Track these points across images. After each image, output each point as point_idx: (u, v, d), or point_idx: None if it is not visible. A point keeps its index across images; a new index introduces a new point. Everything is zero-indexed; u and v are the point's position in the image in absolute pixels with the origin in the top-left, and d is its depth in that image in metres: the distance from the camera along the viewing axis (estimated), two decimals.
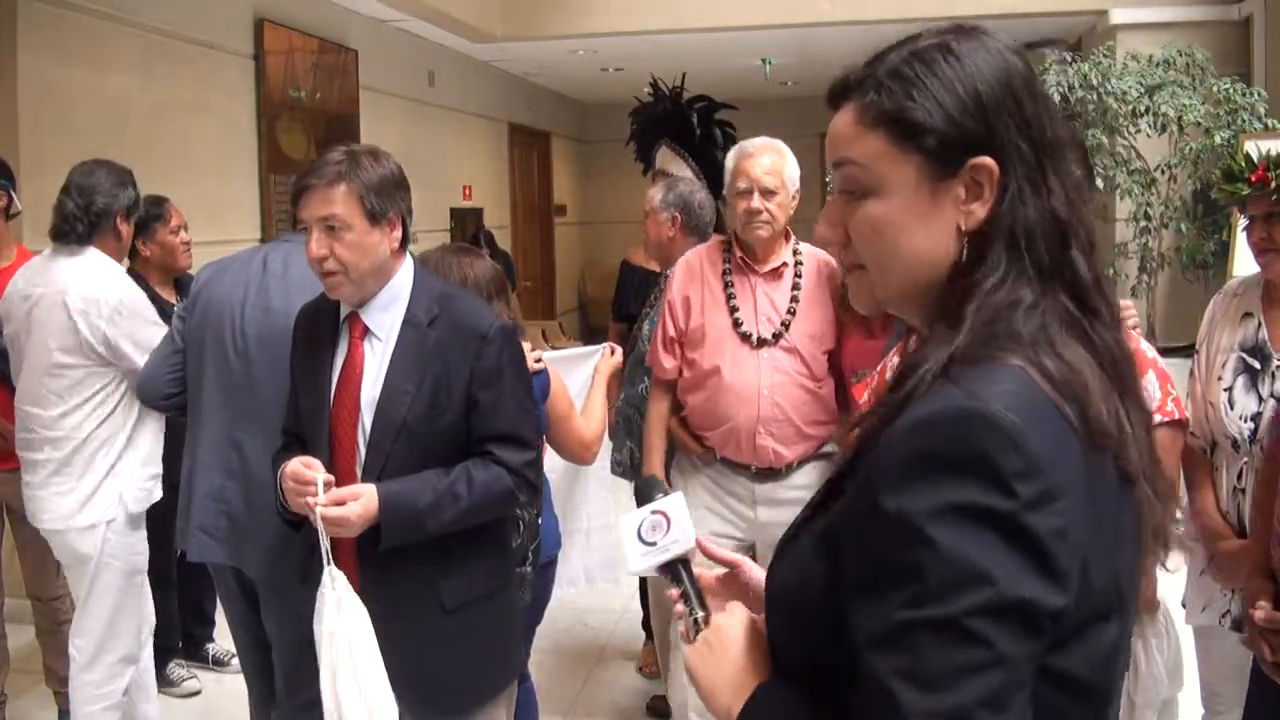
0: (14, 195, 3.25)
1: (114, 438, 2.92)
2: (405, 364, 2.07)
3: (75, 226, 2.87)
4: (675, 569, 1.24)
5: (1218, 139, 5.78)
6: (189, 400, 2.58)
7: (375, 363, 2.09)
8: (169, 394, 2.62)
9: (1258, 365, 2.32)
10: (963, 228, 0.92)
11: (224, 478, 2.50)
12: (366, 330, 2.10)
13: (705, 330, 2.84)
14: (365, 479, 2.06)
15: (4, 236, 3.29)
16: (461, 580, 2.10)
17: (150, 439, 3.02)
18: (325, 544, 1.98)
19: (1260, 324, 2.36)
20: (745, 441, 2.81)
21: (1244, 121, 5.87)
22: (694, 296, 2.89)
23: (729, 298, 2.85)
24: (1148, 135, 6.10)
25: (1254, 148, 5.04)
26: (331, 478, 2.01)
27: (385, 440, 2.06)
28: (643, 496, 1.34)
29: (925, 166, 0.93)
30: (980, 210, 0.92)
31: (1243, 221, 2.45)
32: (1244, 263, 5.69)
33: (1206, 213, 6.38)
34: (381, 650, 2.09)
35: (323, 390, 2.11)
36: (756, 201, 2.81)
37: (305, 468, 2.00)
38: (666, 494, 1.33)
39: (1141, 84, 6.04)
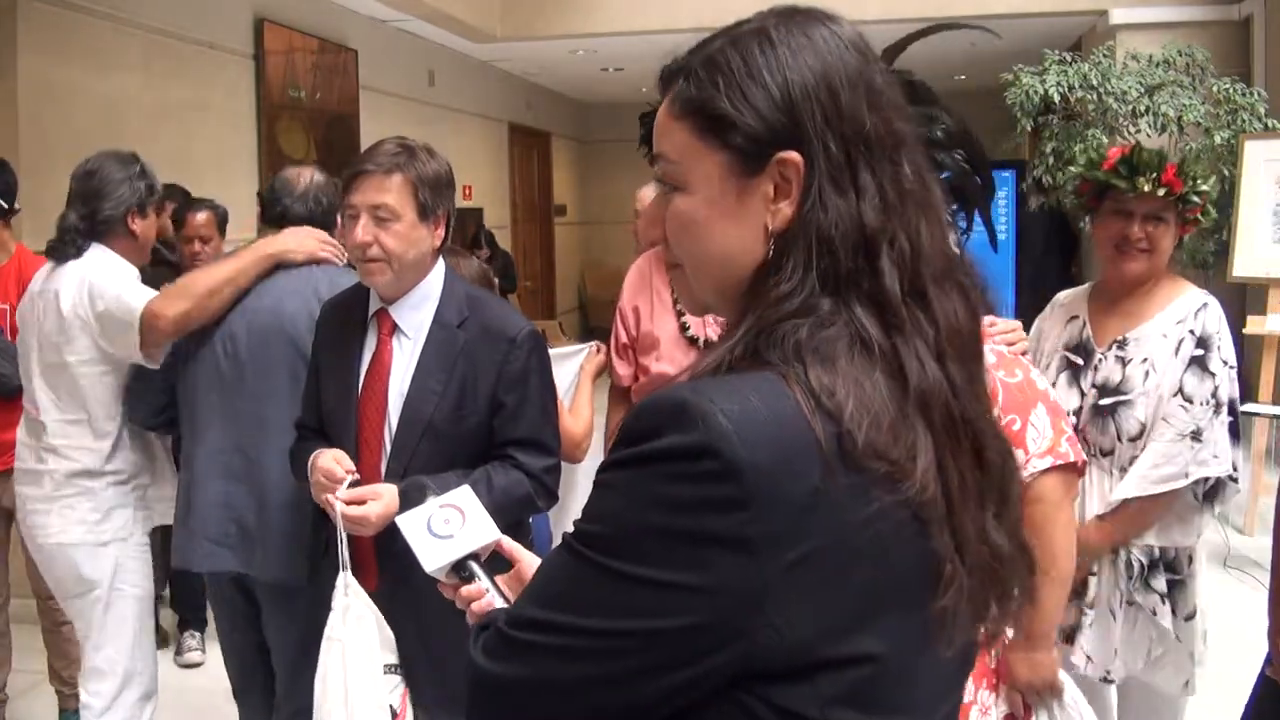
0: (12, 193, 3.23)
1: (124, 453, 2.69)
2: (434, 363, 2.08)
3: (75, 240, 2.62)
4: (470, 567, 1.22)
5: (1218, 139, 5.78)
6: (181, 411, 2.53)
7: (403, 361, 2.10)
8: (159, 405, 2.55)
9: (1080, 361, 2.32)
10: (770, 228, 0.86)
11: (227, 483, 2.44)
12: (395, 327, 2.11)
13: (655, 335, 2.80)
14: (389, 476, 2.07)
15: (2, 234, 3.27)
16: None
17: (164, 459, 2.81)
18: (344, 547, 1.99)
19: (1085, 323, 2.36)
20: None
21: (1244, 122, 5.87)
22: (643, 305, 2.85)
23: (675, 302, 2.80)
24: (1148, 135, 6.09)
25: (1254, 148, 5.05)
26: (358, 475, 2.02)
27: (411, 438, 2.06)
28: (414, 496, 1.31)
29: (731, 162, 0.86)
30: (788, 209, 0.85)
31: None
32: (1244, 263, 5.69)
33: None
34: (403, 648, 2.10)
35: (350, 385, 2.11)
36: None
37: (338, 464, 2.02)
38: (439, 492, 1.31)
39: (1141, 84, 6.04)
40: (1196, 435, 2.18)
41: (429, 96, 8.18)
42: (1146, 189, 2.22)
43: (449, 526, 1.25)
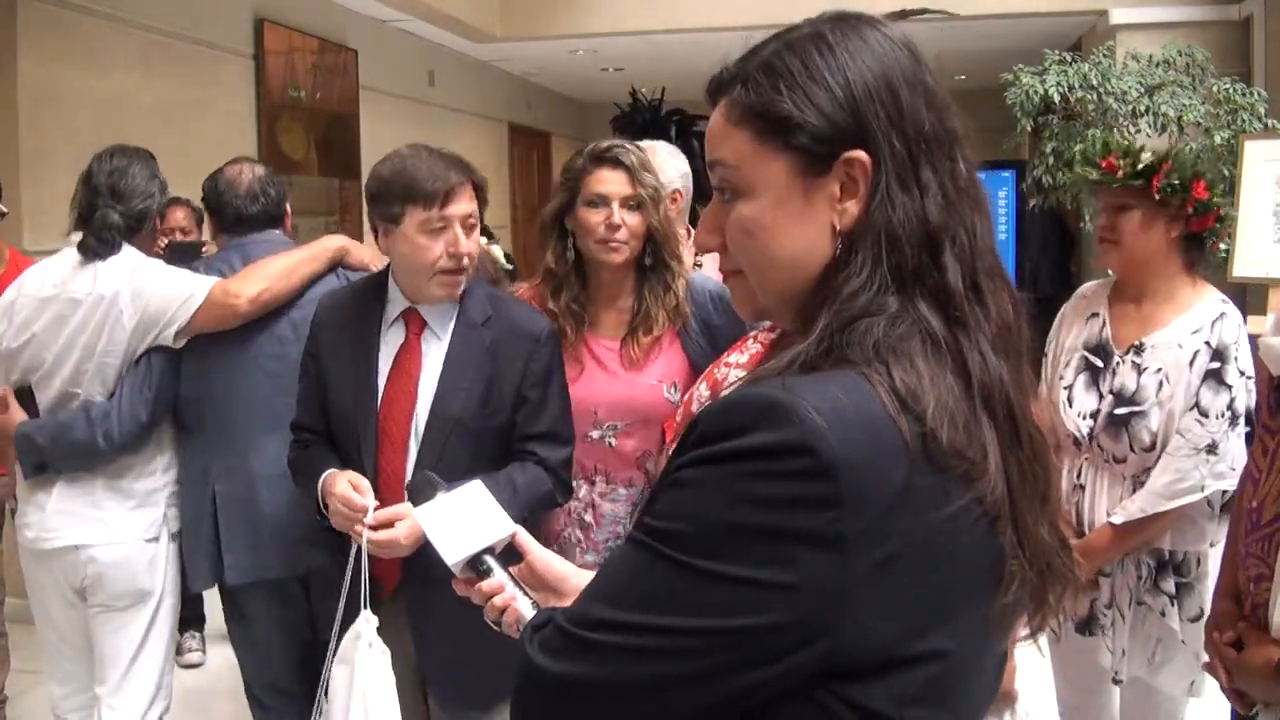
0: None
1: (156, 442, 2.54)
2: (461, 362, 2.09)
3: (114, 239, 2.44)
4: (486, 561, 1.22)
5: (1218, 139, 5.77)
6: (209, 417, 2.45)
7: (431, 360, 2.11)
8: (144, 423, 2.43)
9: (1099, 363, 2.29)
10: (837, 227, 0.87)
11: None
12: (424, 326, 2.12)
13: None
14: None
15: None
16: None
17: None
18: (365, 581, 1.98)
19: (1105, 322, 2.33)
20: None
21: (1244, 122, 5.86)
22: None
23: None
24: (1148, 135, 6.09)
25: (1254, 148, 5.03)
26: (378, 503, 2.00)
27: (440, 437, 2.07)
28: (425, 491, 1.31)
29: (796, 163, 0.87)
30: (854, 208, 0.87)
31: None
32: (1244, 263, 5.68)
33: None
34: (420, 649, 2.12)
35: (371, 386, 2.10)
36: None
37: (356, 493, 2.00)
38: (449, 487, 1.30)
39: (1141, 84, 6.03)
40: (1212, 448, 2.16)
41: (429, 96, 8.17)
42: (1093, 176, 2.25)
43: (465, 520, 1.25)
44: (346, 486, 2.01)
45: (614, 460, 2.30)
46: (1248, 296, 5.84)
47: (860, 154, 0.86)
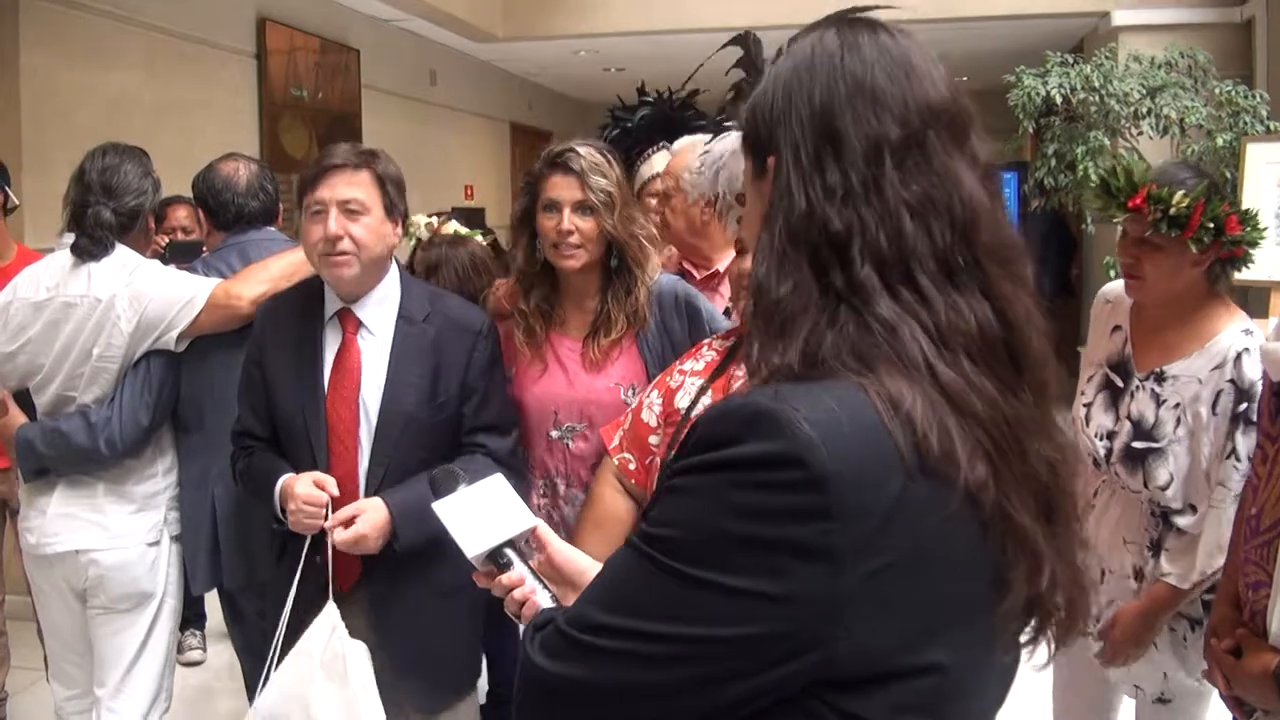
0: (9, 191, 3.20)
1: (157, 445, 2.52)
2: (407, 357, 2.12)
3: (107, 238, 2.41)
4: (506, 555, 1.22)
5: (1220, 141, 5.76)
6: (208, 420, 2.45)
7: (372, 357, 2.13)
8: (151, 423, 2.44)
9: (1120, 383, 2.20)
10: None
11: None
12: (360, 325, 2.14)
13: None
14: (371, 471, 2.09)
15: (3, 234, 3.24)
16: (450, 565, 2.12)
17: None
18: (331, 574, 2.01)
19: (1127, 339, 2.23)
20: None
21: (1246, 124, 5.85)
22: None
23: None
24: (1150, 137, 6.08)
25: (1256, 150, 5.03)
26: (337, 494, 2.02)
27: (392, 432, 2.09)
28: (447, 484, 1.32)
29: (751, 167, 0.94)
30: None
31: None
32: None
33: None
34: (379, 646, 2.10)
35: (315, 386, 2.12)
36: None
37: (318, 488, 2.02)
38: (471, 480, 1.31)
39: (1143, 86, 6.03)
40: None
41: (431, 96, 8.18)
42: (1117, 218, 2.11)
43: (486, 513, 1.25)
44: (308, 486, 2.03)
45: (573, 464, 2.30)
46: (1249, 299, 5.84)
47: (772, 159, 0.90)
